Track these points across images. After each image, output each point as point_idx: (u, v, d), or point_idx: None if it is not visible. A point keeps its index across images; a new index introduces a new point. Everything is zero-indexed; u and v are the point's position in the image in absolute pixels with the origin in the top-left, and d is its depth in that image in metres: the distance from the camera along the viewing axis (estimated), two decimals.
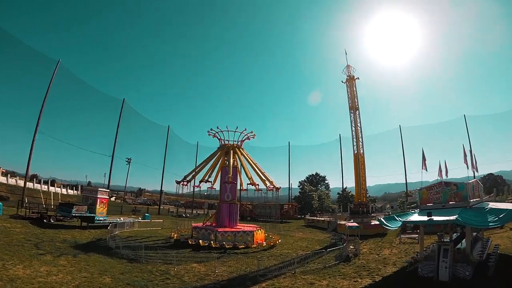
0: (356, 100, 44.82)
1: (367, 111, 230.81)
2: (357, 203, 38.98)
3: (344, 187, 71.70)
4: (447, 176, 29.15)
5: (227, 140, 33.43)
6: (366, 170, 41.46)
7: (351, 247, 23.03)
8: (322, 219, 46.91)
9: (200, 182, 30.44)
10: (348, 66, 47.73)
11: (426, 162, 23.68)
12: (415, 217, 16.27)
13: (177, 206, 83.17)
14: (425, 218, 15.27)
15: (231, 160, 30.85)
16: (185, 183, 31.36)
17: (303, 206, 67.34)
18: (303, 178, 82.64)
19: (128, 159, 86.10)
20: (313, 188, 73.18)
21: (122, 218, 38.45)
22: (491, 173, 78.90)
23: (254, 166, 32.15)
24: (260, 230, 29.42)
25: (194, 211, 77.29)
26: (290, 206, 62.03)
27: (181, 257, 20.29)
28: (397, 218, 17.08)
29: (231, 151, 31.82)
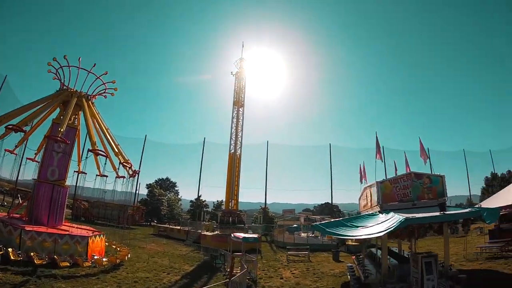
0: (242, 96, 40.13)
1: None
2: (227, 211, 32.72)
3: (199, 194, 65.17)
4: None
5: (70, 88, 21.92)
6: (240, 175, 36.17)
7: (237, 269, 16.12)
8: (178, 227, 38.39)
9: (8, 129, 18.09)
10: (241, 59, 42.86)
11: (380, 149, 19.80)
12: (388, 217, 10.76)
13: None
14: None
15: (70, 113, 19.89)
16: None
17: (149, 212, 56.85)
18: (151, 180, 72.07)
19: None
20: (163, 192, 63.38)
21: None
22: (327, 202, 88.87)
23: (106, 133, 21.69)
24: (100, 236, 19.27)
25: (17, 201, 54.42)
26: (136, 209, 50.67)
27: None
28: (349, 224, 11.32)
29: (74, 100, 20.67)
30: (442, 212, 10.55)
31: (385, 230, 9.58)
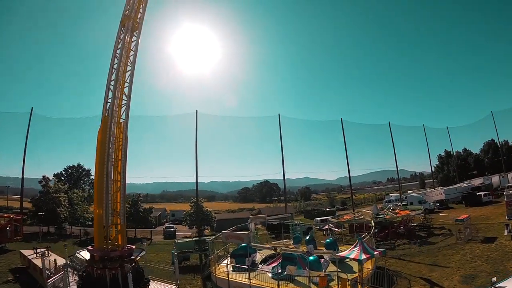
0: (140, 13, 20.31)
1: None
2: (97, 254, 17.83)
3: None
4: None
5: None
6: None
7: None
8: (40, 263, 22.13)
9: None
10: None
11: None
12: None
13: None
14: None
15: None
16: None
17: (45, 217, 45.10)
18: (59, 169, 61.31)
19: None
20: (62, 187, 48.96)
21: None
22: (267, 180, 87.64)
23: None
24: None
25: None
26: (9, 218, 35.50)
27: None
28: None
29: None
30: None
31: None
